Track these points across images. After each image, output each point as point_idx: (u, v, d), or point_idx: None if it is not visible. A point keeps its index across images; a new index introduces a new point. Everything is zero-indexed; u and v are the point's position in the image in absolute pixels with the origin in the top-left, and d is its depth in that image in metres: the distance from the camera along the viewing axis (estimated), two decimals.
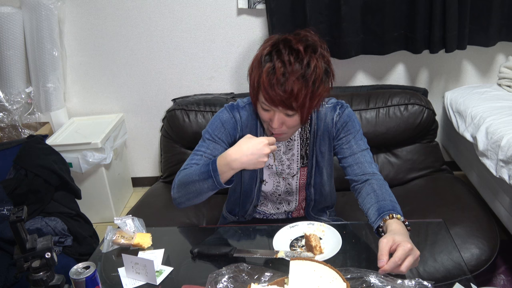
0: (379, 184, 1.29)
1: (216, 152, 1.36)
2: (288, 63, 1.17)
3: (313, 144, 1.42)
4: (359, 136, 1.39)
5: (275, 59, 1.19)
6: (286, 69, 1.17)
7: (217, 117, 1.41)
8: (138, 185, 3.09)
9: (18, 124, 2.62)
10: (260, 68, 1.22)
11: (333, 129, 1.40)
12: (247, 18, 2.59)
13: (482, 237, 1.66)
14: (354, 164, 1.36)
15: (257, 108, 1.30)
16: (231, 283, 1.03)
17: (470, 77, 2.67)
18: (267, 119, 1.28)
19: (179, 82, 2.77)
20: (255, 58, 1.26)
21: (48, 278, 0.97)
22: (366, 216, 1.25)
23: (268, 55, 1.21)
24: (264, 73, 1.19)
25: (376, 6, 2.35)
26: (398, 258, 1.01)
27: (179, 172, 1.35)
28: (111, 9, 2.62)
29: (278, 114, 1.24)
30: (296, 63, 1.18)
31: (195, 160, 1.36)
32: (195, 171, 1.28)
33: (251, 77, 1.26)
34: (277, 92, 1.18)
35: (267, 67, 1.19)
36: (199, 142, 1.40)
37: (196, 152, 1.38)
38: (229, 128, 1.39)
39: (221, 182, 1.23)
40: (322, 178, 1.47)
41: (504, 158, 1.83)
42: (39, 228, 1.82)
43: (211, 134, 1.38)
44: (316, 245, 1.14)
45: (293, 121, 1.26)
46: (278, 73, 1.17)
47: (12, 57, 2.57)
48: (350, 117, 1.39)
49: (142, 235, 1.27)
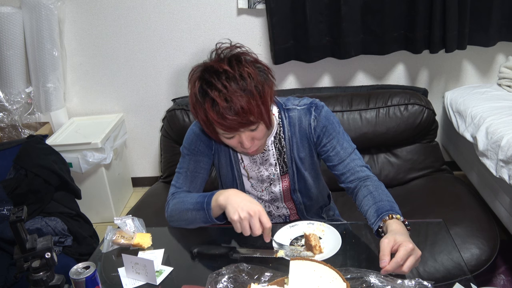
0: (374, 186, 1.27)
1: (197, 165, 1.37)
2: (223, 87, 1.13)
3: (290, 151, 1.39)
4: (342, 138, 1.35)
5: (210, 91, 1.14)
6: (226, 94, 1.13)
7: (190, 131, 1.40)
8: (138, 185, 3.09)
9: (18, 124, 2.63)
10: (201, 107, 1.17)
11: (312, 135, 1.36)
12: (247, 18, 2.59)
13: (482, 237, 1.66)
14: (346, 171, 1.33)
15: (222, 140, 1.25)
16: (231, 283, 1.03)
17: (470, 77, 2.67)
18: (236, 144, 1.25)
19: (179, 82, 2.77)
20: (191, 99, 1.20)
21: (48, 278, 0.97)
22: (365, 218, 1.25)
23: (200, 92, 1.16)
24: (208, 109, 1.14)
25: (376, 6, 2.35)
26: (400, 258, 1.01)
27: (171, 195, 1.37)
28: (111, 9, 2.62)
29: (244, 134, 1.21)
30: (230, 82, 1.14)
31: (181, 179, 1.38)
32: (189, 200, 1.29)
33: (199, 119, 1.21)
34: (231, 118, 1.14)
35: (207, 102, 1.15)
36: (180, 160, 1.41)
37: (179, 170, 1.40)
38: (204, 139, 1.38)
39: (213, 217, 1.24)
40: (306, 183, 1.44)
41: (504, 158, 1.83)
42: (39, 228, 1.82)
43: (188, 148, 1.38)
44: (315, 244, 1.14)
45: (260, 132, 1.23)
46: (220, 101, 1.13)
47: (12, 57, 2.57)
48: (328, 119, 1.35)
49: (142, 235, 1.27)
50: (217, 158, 1.42)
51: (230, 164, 1.42)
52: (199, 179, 1.39)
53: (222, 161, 1.42)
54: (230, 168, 1.42)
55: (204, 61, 1.21)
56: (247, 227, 1.14)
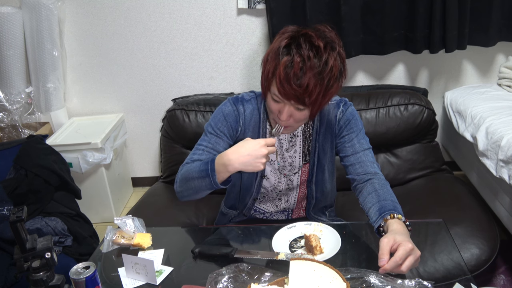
0: (380, 184, 1.29)
1: (217, 146, 1.37)
2: (307, 58, 1.15)
3: (315, 141, 1.42)
4: (361, 135, 1.38)
5: (294, 53, 1.16)
6: (305, 64, 1.15)
7: (219, 110, 1.40)
8: (138, 185, 3.09)
9: (18, 124, 2.62)
10: (276, 59, 1.19)
11: (336, 126, 1.39)
12: (247, 18, 2.59)
13: (482, 237, 1.66)
14: (356, 163, 1.35)
15: (267, 98, 1.28)
16: (231, 283, 1.03)
17: (470, 77, 2.67)
18: (275, 110, 1.27)
19: (179, 82, 2.77)
20: (272, 49, 1.22)
21: (48, 278, 0.97)
22: (367, 215, 1.25)
23: (286, 48, 1.19)
24: (282, 65, 1.17)
25: (376, 6, 2.35)
26: (399, 258, 1.01)
27: (182, 166, 1.36)
28: (111, 9, 2.62)
29: (288, 107, 1.23)
30: (314, 59, 1.16)
31: (197, 154, 1.36)
32: (195, 168, 1.29)
33: (265, 67, 1.23)
34: (292, 87, 1.16)
35: (285, 60, 1.17)
36: (202, 136, 1.41)
37: (198, 146, 1.39)
38: (231, 121, 1.38)
39: (217, 182, 1.24)
40: (324, 176, 1.47)
41: (504, 158, 1.83)
42: (39, 228, 1.82)
43: (213, 128, 1.38)
44: (316, 245, 1.14)
45: (301, 115, 1.25)
46: (296, 67, 1.15)
47: (12, 57, 2.57)
48: (353, 115, 1.39)
49: (142, 235, 1.27)
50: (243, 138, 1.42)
51: None
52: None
53: None
54: None
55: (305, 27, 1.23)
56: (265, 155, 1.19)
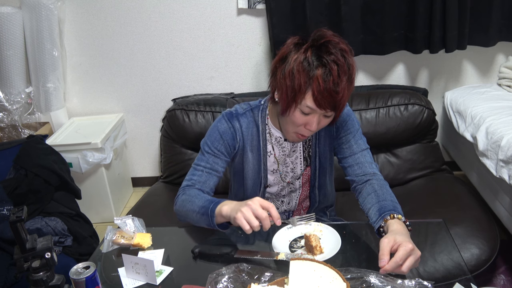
0: (379, 184, 1.29)
1: (216, 166, 1.36)
2: (341, 64, 1.13)
3: (316, 145, 1.42)
4: (358, 135, 1.38)
5: (330, 61, 1.12)
6: (340, 71, 1.13)
7: (215, 128, 1.38)
8: (138, 185, 3.09)
9: (18, 124, 2.62)
10: (306, 71, 1.14)
11: (333, 128, 1.39)
12: (247, 18, 2.59)
13: (482, 237, 1.66)
14: (355, 164, 1.35)
15: (290, 112, 1.22)
16: (231, 283, 1.03)
17: (470, 77, 2.67)
18: (302, 123, 1.23)
19: (179, 82, 2.77)
20: (295, 62, 1.15)
21: (48, 278, 0.97)
22: (367, 216, 1.25)
23: (316, 57, 1.14)
24: (319, 77, 1.12)
25: (376, 6, 2.35)
26: (400, 258, 1.01)
27: (182, 189, 1.35)
28: (111, 9, 2.62)
29: (318, 115, 1.21)
30: (344, 64, 1.14)
31: (197, 175, 1.36)
32: (197, 202, 1.27)
33: (293, 83, 1.16)
34: (332, 95, 1.14)
35: (322, 72, 1.13)
36: (199, 155, 1.39)
37: (197, 166, 1.37)
38: (228, 139, 1.36)
39: (215, 224, 1.23)
40: (326, 179, 1.47)
41: (504, 158, 1.83)
42: (39, 228, 1.82)
43: (210, 147, 1.36)
44: (316, 245, 1.14)
45: (328, 121, 1.24)
46: (335, 75, 1.12)
47: (12, 57, 2.57)
48: (349, 116, 1.39)
49: (142, 235, 1.27)
50: (242, 155, 1.41)
51: (258, 158, 1.41)
52: (213, 180, 1.38)
53: (248, 156, 1.41)
54: (257, 161, 1.41)
55: (307, 34, 1.19)
56: (250, 214, 1.11)
